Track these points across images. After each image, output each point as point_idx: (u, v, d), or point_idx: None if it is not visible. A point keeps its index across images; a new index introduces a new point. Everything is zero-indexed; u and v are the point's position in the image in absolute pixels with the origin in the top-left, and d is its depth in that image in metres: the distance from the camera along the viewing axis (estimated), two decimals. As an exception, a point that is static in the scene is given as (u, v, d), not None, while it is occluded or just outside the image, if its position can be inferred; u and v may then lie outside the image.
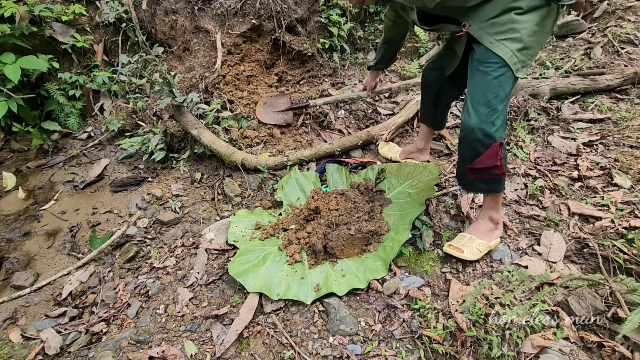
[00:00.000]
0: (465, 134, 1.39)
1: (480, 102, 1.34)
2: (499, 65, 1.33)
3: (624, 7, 2.98)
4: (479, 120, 1.33)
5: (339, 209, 1.82)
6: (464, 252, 1.52)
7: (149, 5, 3.07)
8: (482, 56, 1.36)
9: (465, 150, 1.43)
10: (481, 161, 1.38)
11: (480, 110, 1.33)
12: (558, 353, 1.20)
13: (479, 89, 1.36)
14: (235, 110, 2.67)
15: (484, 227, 1.59)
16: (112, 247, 2.03)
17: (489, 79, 1.34)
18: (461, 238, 1.59)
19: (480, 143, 1.35)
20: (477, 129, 1.34)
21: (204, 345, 1.44)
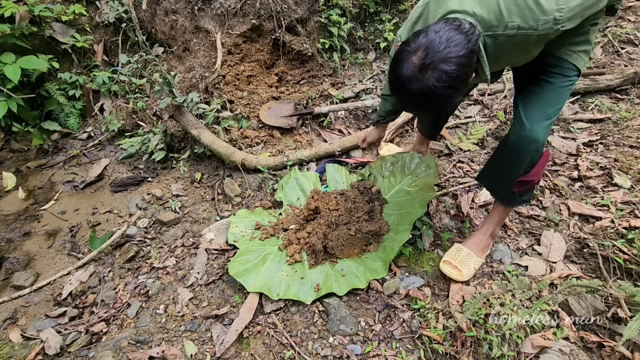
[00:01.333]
0: (523, 145, 1.27)
1: (547, 112, 1.25)
2: (574, 74, 1.26)
3: (624, 7, 2.98)
4: (543, 131, 1.24)
5: (338, 209, 1.82)
6: (464, 273, 1.49)
7: (149, 5, 3.07)
8: (554, 63, 1.26)
9: (519, 160, 1.30)
10: (537, 173, 1.31)
11: (545, 121, 1.25)
12: (558, 353, 1.20)
13: (549, 99, 1.26)
14: (235, 110, 2.67)
15: (483, 243, 1.54)
16: (112, 247, 2.03)
17: (564, 89, 1.26)
18: (458, 252, 1.54)
19: (537, 153, 1.28)
20: (539, 141, 1.25)
21: (204, 345, 1.44)
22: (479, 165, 2.09)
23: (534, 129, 1.24)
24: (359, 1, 2.98)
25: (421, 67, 0.99)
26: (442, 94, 1.00)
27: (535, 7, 1.01)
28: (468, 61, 1.01)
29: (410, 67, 1.00)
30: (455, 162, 2.13)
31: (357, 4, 2.98)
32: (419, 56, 0.99)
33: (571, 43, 1.23)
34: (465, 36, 1.01)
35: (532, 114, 1.26)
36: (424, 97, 1.03)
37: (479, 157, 2.15)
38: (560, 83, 1.25)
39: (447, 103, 1.06)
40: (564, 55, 1.23)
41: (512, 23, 1.03)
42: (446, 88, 0.99)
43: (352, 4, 2.96)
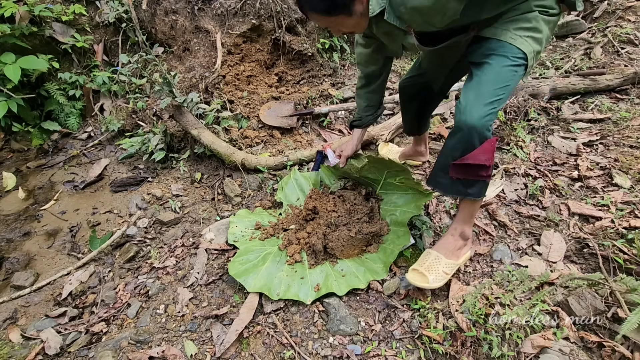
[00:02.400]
0: (461, 127, 1.21)
1: (487, 93, 1.17)
2: (518, 57, 1.17)
3: (624, 7, 2.98)
4: (479, 114, 1.16)
5: (337, 209, 1.81)
6: (429, 279, 1.37)
7: (149, 5, 3.07)
8: (497, 46, 1.19)
9: (457, 143, 1.24)
10: (474, 156, 1.20)
11: (484, 103, 1.17)
12: (558, 353, 1.20)
13: (488, 79, 1.18)
14: (235, 110, 2.68)
15: (453, 245, 1.43)
16: (112, 247, 2.03)
17: (504, 69, 1.18)
18: (427, 257, 1.44)
19: (477, 136, 1.19)
20: (475, 124, 1.17)
21: (204, 345, 1.44)
22: (479, 165, 2.09)
23: (468, 110, 1.17)
24: (359, 1, 2.97)
25: None
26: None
27: None
28: None
29: None
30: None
31: (357, 4, 2.97)
32: None
33: (516, 28, 1.17)
34: None
35: (468, 95, 1.20)
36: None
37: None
38: (501, 63, 1.17)
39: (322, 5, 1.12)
40: (508, 39, 1.17)
41: None
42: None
43: (352, 4, 2.95)
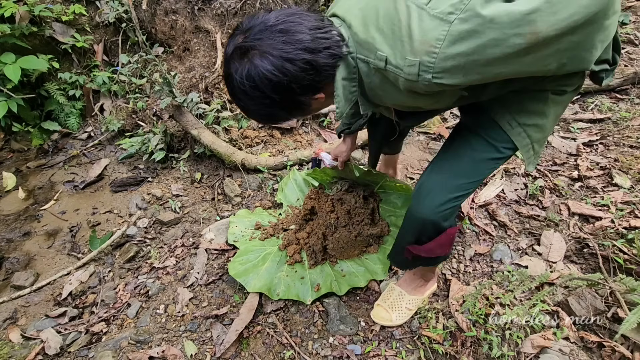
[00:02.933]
0: (413, 215, 1.04)
1: (454, 187, 0.99)
2: (507, 148, 0.97)
3: (624, 7, 2.98)
4: (441, 206, 0.98)
5: (335, 210, 1.81)
6: (392, 317, 1.37)
7: (149, 5, 3.07)
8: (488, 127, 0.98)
9: (410, 229, 1.10)
10: (429, 249, 1.08)
11: (447, 196, 0.98)
12: (558, 353, 1.20)
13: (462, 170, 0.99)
14: (235, 110, 2.67)
15: (415, 283, 1.41)
16: (112, 247, 2.03)
17: (485, 162, 0.99)
18: (390, 293, 1.43)
19: (432, 228, 1.03)
20: (433, 217, 1.00)
21: (204, 345, 1.44)
22: (479, 165, 2.09)
23: (423, 199, 0.99)
24: (359, 1, 2.98)
25: (237, 49, 0.80)
26: (247, 93, 0.82)
27: (407, 40, 0.74)
28: (299, 72, 0.79)
29: (231, 46, 0.82)
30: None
31: (357, 4, 2.98)
32: (243, 36, 0.81)
33: (518, 111, 0.93)
34: (314, 41, 0.79)
35: (432, 180, 1.00)
36: (231, 88, 0.85)
37: (479, 157, 2.15)
38: (483, 153, 0.98)
39: (259, 108, 0.86)
40: (505, 124, 0.95)
41: (381, 52, 0.78)
42: (254, 88, 0.80)
43: (352, 4, 2.96)
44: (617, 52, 0.88)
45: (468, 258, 1.61)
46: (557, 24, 0.67)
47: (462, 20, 0.69)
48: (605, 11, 0.70)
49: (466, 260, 1.60)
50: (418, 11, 0.73)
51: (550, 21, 0.66)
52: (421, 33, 0.72)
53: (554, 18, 0.66)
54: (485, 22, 0.68)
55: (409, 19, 0.74)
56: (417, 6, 0.74)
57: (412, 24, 0.73)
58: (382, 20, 0.78)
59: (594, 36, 0.72)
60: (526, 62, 0.72)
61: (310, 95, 0.85)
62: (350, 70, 0.85)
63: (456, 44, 0.70)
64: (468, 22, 0.69)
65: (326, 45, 0.80)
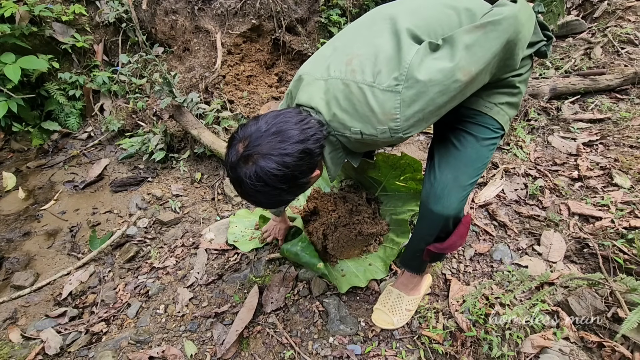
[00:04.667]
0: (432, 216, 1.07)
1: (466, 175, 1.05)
2: (496, 128, 1.06)
3: (624, 7, 2.98)
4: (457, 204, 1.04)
5: (337, 209, 1.81)
6: (394, 320, 1.37)
7: (149, 5, 3.07)
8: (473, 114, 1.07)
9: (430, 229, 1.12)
10: (452, 245, 1.11)
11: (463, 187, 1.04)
12: (558, 353, 1.20)
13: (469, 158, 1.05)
14: (235, 110, 2.67)
15: (412, 281, 1.40)
16: (112, 247, 2.03)
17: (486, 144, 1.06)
18: (388, 296, 1.43)
19: (452, 221, 1.08)
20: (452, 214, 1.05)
21: (204, 345, 1.44)
22: (479, 165, 2.09)
23: (445, 198, 1.03)
24: (359, 1, 2.98)
25: (242, 157, 0.91)
26: (259, 190, 0.92)
27: (371, 114, 0.88)
28: (297, 161, 0.90)
29: (234, 155, 0.92)
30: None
31: (357, 4, 2.98)
32: (243, 144, 0.92)
33: (490, 94, 1.06)
34: (302, 133, 0.91)
35: (446, 177, 1.05)
36: (242, 189, 0.95)
37: (479, 157, 2.15)
38: (481, 137, 1.06)
39: (272, 199, 0.97)
40: (483, 108, 1.06)
41: (354, 128, 0.92)
42: (264, 185, 0.90)
43: (352, 4, 2.95)
44: (546, 30, 1.08)
45: (468, 258, 1.61)
46: (481, 60, 0.85)
47: (408, 87, 0.85)
48: (517, 33, 0.86)
49: (466, 260, 1.60)
50: (370, 89, 0.88)
51: (475, 61, 0.84)
52: (380, 106, 0.87)
53: (477, 57, 0.84)
54: (426, 84, 0.84)
55: (365, 98, 0.88)
56: (367, 85, 0.88)
57: (370, 101, 0.88)
58: (344, 103, 0.92)
59: (514, 48, 0.89)
60: (469, 89, 0.90)
61: (309, 175, 0.98)
62: (334, 145, 1.01)
63: (411, 106, 0.86)
64: (413, 88, 0.85)
65: (312, 133, 0.93)
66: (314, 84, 0.98)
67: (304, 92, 1.00)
